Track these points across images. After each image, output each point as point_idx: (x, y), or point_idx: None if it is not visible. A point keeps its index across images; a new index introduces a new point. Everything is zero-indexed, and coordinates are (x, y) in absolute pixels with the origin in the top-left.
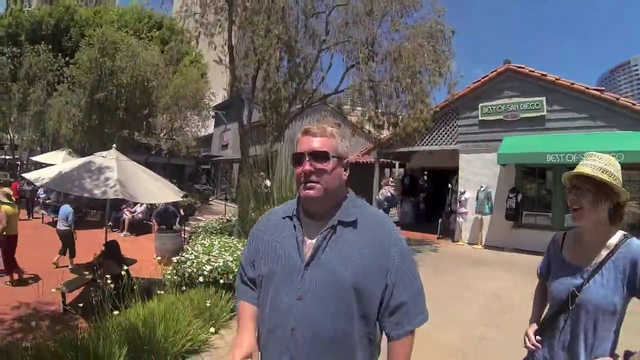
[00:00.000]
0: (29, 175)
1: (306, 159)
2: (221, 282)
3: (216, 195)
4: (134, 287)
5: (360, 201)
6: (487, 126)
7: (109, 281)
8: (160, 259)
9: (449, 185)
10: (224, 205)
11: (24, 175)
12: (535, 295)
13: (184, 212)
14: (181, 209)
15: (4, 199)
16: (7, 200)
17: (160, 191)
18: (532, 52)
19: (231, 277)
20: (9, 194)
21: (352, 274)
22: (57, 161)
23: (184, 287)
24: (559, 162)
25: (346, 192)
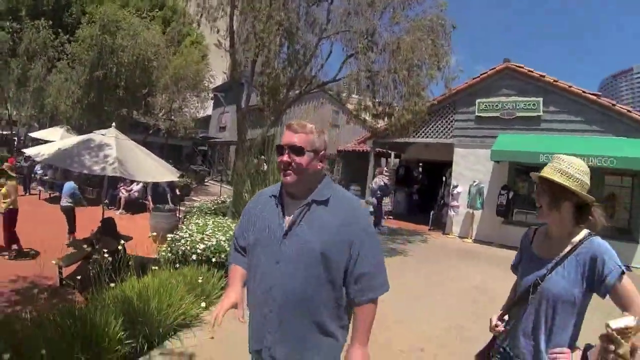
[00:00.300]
0: (29, 150)
1: (286, 151)
2: (213, 260)
3: (212, 176)
4: (130, 262)
5: (334, 185)
6: (483, 122)
7: (106, 255)
8: (155, 234)
9: (443, 178)
10: (220, 186)
11: (24, 150)
12: (512, 288)
13: (179, 192)
14: (177, 189)
15: (12, 173)
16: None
17: (157, 170)
18: (534, 51)
19: (223, 256)
20: (12, 169)
21: (320, 243)
22: (55, 138)
23: (178, 265)
24: None
25: (322, 177)
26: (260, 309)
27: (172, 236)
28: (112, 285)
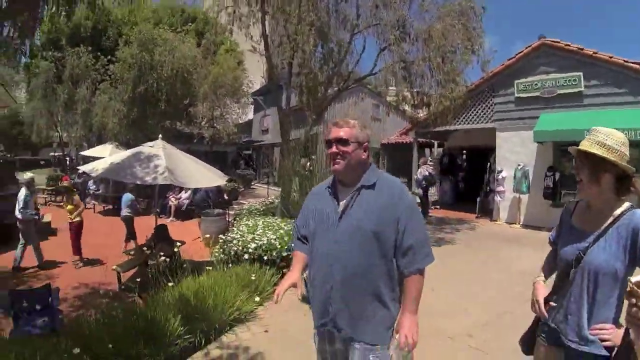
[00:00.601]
0: (85, 167)
1: (333, 144)
2: (265, 258)
3: (258, 179)
4: (184, 264)
5: (379, 171)
6: (524, 103)
7: (163, 257)
8: (208, 236)
9: (487, 163)
10: (267, 188)
11: (79, 167)
12: (545, 260)
13: (227, 197)
14: (225, 194)
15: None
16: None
17: (205, 176)
18: (570, 26)
19: (274, 254)
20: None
21: (371, 221)
22: (105, 154)
23: (230, 265)
24: None
25: (368, 166)
26: (322, 286)
27: (224, 238)
28: (170, 284)
